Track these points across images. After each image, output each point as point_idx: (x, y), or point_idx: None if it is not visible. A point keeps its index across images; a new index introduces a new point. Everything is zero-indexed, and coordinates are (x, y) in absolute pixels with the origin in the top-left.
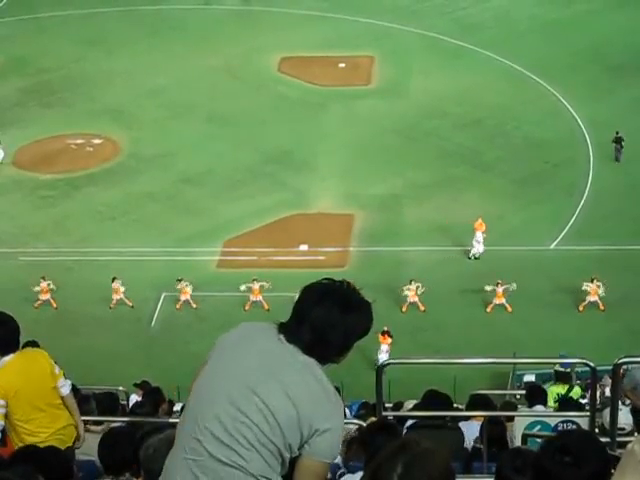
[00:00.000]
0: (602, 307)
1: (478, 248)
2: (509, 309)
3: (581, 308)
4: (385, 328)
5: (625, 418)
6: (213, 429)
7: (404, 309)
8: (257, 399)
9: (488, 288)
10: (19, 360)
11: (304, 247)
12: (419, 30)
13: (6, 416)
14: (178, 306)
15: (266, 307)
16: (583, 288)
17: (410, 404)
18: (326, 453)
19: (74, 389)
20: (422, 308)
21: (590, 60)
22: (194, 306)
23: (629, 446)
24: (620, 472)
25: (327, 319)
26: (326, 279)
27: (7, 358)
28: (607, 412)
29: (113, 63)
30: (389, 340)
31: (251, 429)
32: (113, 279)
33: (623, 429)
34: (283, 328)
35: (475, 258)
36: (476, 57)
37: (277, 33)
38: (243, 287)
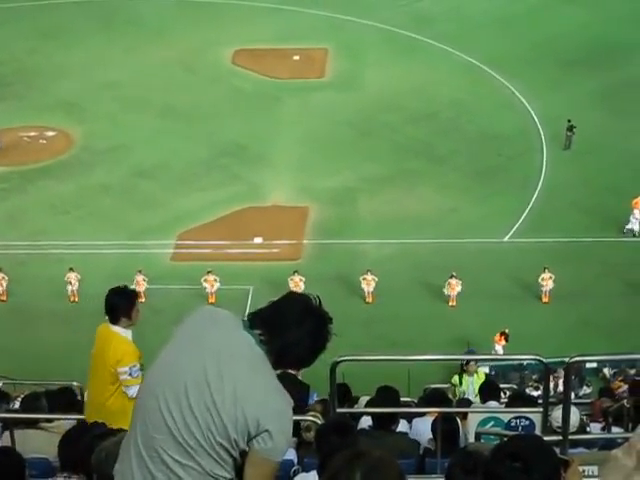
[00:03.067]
0: (545, 300)
1: (635, 225)
2: (455, 303)
3: (545, 299)
4: (506, 330)
5: (571, 419)
6: (166, 425)
7: (369, 300)
8: (208, 396)
9: (445, 281)
10: None
11: (258, 240)
12: (374, 23)
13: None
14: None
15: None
16: (539, 280)
17: (364, 400)
18: (274, 452)
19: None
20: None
21: (544, 54)
22: (142, 300)
23: (613, 452)
24: (602, 477)
25: (299, 341)
26: (305, 295)
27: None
28: (559, 412)
29: (67, 56)
30: (503, 342)
31: (200, 428)
32: (70, 269)
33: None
34: (249, 323)
35: (633, 235)
36: (431, 50)
37: (231, 25)
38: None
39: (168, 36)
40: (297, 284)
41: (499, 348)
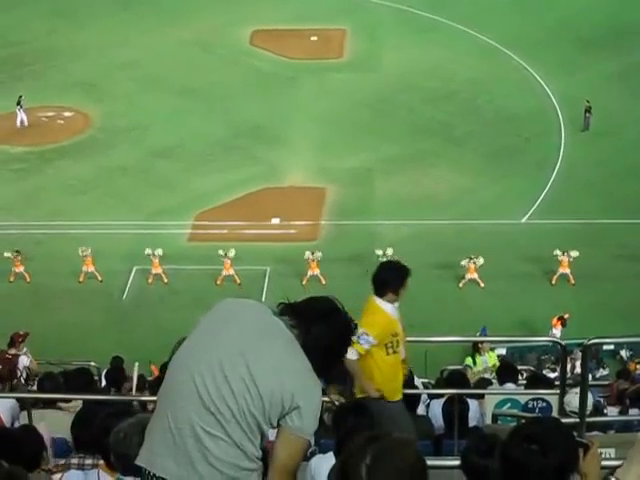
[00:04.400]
0: (572, 281)
1: None
2: (482, 284)
3: (553, 281)
4: (566, 316)
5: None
6: (199, 396)
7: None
8: (244, 368)
9: (463, 262)
10: None
11: (276, 220)
12: (391, 4)
13: None
14: (150, 280)
15: (238, 281)
16: (555, 254)
17: None
18: (305, 428)
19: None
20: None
21: (562, 34)
22: (165, 281)
23: (639, 434)
24: (628, 460)
25: (324, 336)
26: (335, 300)
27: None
28: (571, 396)
29: (84, 36)
30: (560, 327)
31: (234, 398)
32: (83, 250)
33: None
34: (279, 311)
35: None
36: (448, 31)
37: (249, 6)
38: (221, 251)
39: (186, 16)
40: (314, 267)
41: (556, 332)
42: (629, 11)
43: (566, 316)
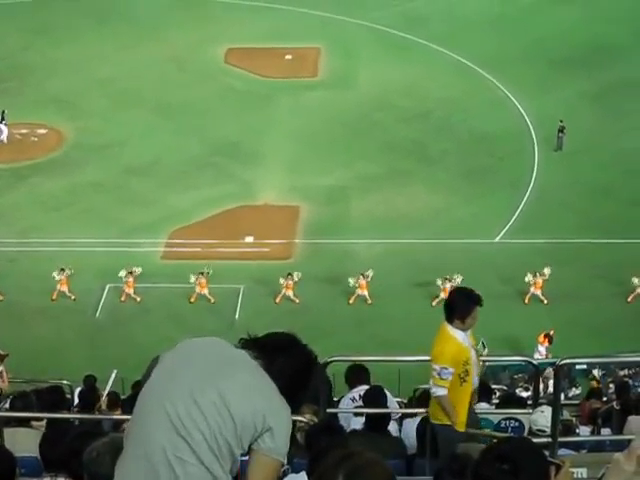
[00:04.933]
0: (545, 301)
1: None
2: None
3: (526, 300)
4: (551, 332)
5: (545, 420)
6: (170, 422)
7: (351, 301)
8: (214, 393)
9: (438, 282)
10: None
11: (250, 239)
12: (366, 22)
13: None
14: (123, 297)
15: (212, 300)
16: (526, 280)
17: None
18: (278, 449)
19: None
20: (369, 301)
21: (536, 54)
22: (138, 299)
23: (615, 455)
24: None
25: (286, 369)
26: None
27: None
28: (537, 414)
29: (59, 53)
30: (547, 344)
31: (206, 422)
32: (60, 270)
33: (544, 431)
34: (241, 345)
35: None
36: (423, 50)
37: (225, 24)
38: (193, 278)
39: (161, 34)
40: (289, 287)
41: (542, 349)
42: (603, 32)
43: (552, 332)
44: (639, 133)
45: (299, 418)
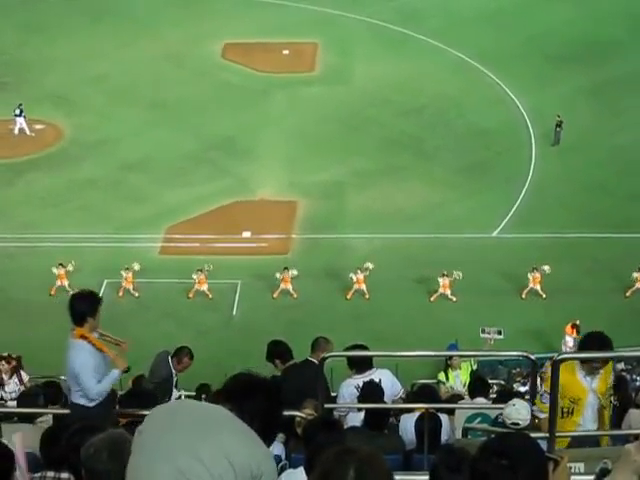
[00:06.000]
0: (543, 296)
1: None
2: (453, 300)
3: (524, 295)
4: (577, 322)
5: (517, 413)
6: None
7: (349, 296)
8: (214, 446)
9: (439, 278)
10: None
11: (247, 234)
12: (363, 17)
13: None
14: (120, 293)
15: (210, 296)
16: (529, 276)
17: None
18: None
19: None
20: (367, 296)
21: (533, 49)
22: (136, 295)
23: (626, 446)
24: (614, 471)
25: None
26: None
27: None
28: (509, 408)
29: (55, 49)
30: (574, 335)
31: (209, 472)
32: (59, 265)
33: (517, 424)
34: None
35: None
36: (420, 45)
37: (221, 19)
38: (195, 276)
39: (157, 30)
40: (287, 281)
41: (569, 339)
42: (600, 27)
43: (578, 322)
44: (636, 128)
45: (298, 413)
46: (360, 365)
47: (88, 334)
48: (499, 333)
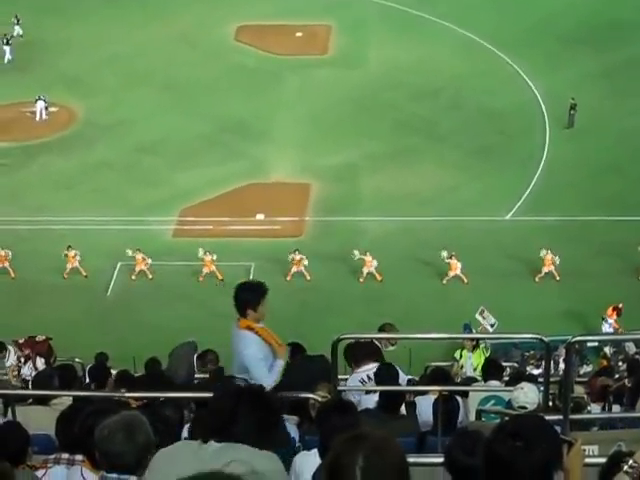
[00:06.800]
0: (557, 278)
1: None
2: (465, 280)
3: (537, 279)
4: (620, 305)
5: (525, 396)
6: None
7: (361, 280)
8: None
9: (444, 254)
10: None
11: (260, 216)
12: (377, 0)
13: None
14: (134, 276)
15: (220, 277)
16: (541, 255)
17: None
18: None
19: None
20: (379, 278)
21: (547, 31)
22: (150, 277)
23: None
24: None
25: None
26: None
27: None
28: (517, 391)
29: (70, 31)
30: (615, 317)
31: None
32: (68, 247)
33: (525, 407)
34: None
35: None
36: (433, 27)
37: (234, 2)
38: (201, 253)
39: (171, 12)
40: (298, 263)
41: (610, 322)
42: (613, 9)
43: (620, 305)
44: None
45: (313, 396)
46: (362, 360)
47: (254, 325)
48: (492, 325)
